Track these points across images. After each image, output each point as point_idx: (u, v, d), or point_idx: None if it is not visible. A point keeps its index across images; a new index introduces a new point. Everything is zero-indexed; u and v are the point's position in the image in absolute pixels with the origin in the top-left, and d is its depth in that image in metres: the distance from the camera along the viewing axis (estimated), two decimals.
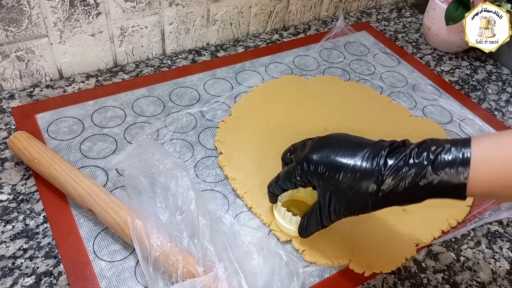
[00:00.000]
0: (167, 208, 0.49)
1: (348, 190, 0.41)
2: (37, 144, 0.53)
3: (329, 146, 0.44)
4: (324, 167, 0.42)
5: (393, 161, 0.39)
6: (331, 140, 0.45)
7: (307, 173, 0.44)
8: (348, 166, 0.41)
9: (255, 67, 0.76)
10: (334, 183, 0.42)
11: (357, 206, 0.42)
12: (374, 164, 0.40)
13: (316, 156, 0.43)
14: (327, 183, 0.42)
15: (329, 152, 0.43)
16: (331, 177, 0.42)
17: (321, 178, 0.43)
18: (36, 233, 0.49)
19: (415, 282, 0.50)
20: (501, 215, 0.58)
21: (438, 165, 0.38)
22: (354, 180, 0.41)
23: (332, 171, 0.42)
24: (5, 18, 0.59)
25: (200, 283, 0.41)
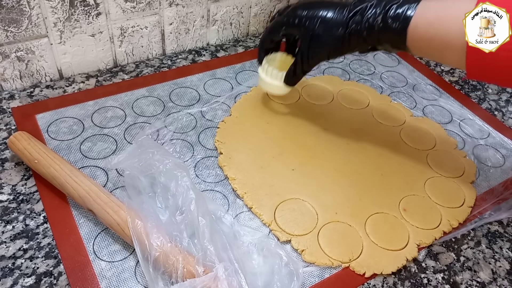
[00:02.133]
0: (167, 208, 0.49)
1: (323, 35, 0.53)
2: (37, 144, 0.53)
3: (310, 3, 0.55)
4: (305, 18, 0.54)
5: (356, 9, 0.50)
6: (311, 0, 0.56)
7: (292, 24, 0.55)
8: (324, 16, 0.53)
9: (255, 67, 0.76)
10: (313, 29, 0.53)
11: (329, 47, 0.53)
12: (343, 12, 0.52)
13: (299, 10, 0.55)
14: (308, 30, 0.54)
15: (309, 6, 0.54)
16: (310, 26, 0.53)
17: (303, 26, 0.54)
18: (36, 233, 0.49)
19: (415, 282, 0.50)
20: (501, 215, 0.58)
21: (390, 13, 0.48)
22: (327, 27, 0.52)
23: (311, 21, 0.53)
24: (5, 19, 0.59)
25: (200, 283, 0.41)
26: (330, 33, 0.52)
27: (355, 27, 0.50)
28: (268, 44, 0.62)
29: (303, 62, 0.56)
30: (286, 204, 0.55)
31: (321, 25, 0.52)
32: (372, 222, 0.54)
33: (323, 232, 0.52)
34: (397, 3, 0.48)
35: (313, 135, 0.64)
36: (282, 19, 0.57)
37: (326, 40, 0.53)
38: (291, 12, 0.56)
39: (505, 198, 0.60)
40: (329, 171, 0.59)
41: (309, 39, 0.54)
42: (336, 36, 0.52)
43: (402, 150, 0.64)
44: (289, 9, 0.56)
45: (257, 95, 0.70)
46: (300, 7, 0.55)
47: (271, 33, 0.59)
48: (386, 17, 0.48)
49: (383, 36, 0.49)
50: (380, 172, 0.61)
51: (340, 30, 0.51)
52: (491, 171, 0.64)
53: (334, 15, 0.52)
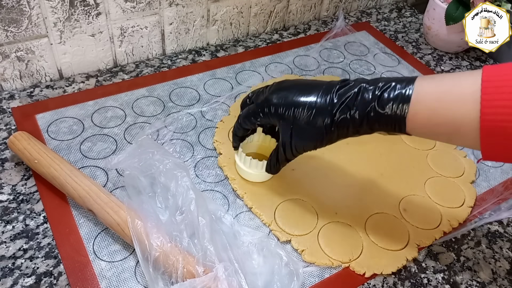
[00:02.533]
0: (167, 208, 0.49)
1: (306, 126, 0.45)
2: (37, 144, 0.53)
3: (287, 89, 0.47)
4: (284, 108, 0.46)
5: (344, 97, 0.44)
6: (288, 83, 0.48)
7: (268, 114, 0.48)
8: (305, 104, 0.45)
9: (255, 67, 0.76)
10: (293, 121, 0.46)
11: (314, 139, 0.46)
12: (327, 100, 0.44)
13: (276, 98, 0.47)
14: (287, 122, 0.46)
15: (287, 94, 0.47)
16: (290, 116, 0.46)
17: (281, 117, 0.47)
18: (36, 233, 0.49)
19: (415, 282, 0.50)
20: (501, 215, 0.58)
21: (383, 100, 0.42)
22: (310, 116, 0.45)
23: (291, 111, 0.46)
24: (5, 19, 0.59)
25: (200, 283, 0.41)
26: (315, 124, 0.45)
27: (343, 117, 0.43)
28: (242, 132, 0.54)
29: (286, 152, 0.49)
30: (286, 204, 0.55)
31: (302, 116, 0.45)
32: (372, 222, 0.54)
33: (323, 232, 0.52)
34: (389, 87, 0.42)
35: None
36: (256, 108, 0.49)
37: (310, 133, 0.45)
38: (265, 100, 0.48)
39: (505, 198, 0.60)
40: (329, 171, 0.59)
41: (291, 131, 0.47)
42: (321, 128, 0.44)
43: (402, 150, 0.64)
44: (263, 95, 0.49)
45: None
46: (275, 93, 0.47)
47: (245, 123, 0.51)
48: (380, 105, 0.42)
49: (378, 125, 0.43)
50: (380, 172, 0.61)
51: (326, 120, 0.44)
52: (491, 171, 0.64)
53: (316, 103, 0.44)
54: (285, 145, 0.48)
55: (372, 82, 0.43)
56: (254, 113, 0.49)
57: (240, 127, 0.53)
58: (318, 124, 0.45)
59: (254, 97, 0.51)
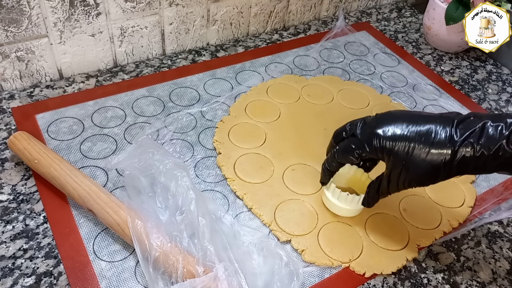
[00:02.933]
0: (167, 208, 0.49)
1: (421, 163, 0.42)
2: (37, 144, 0.53)
3: (397, 120, 0.44)
4: (396, 142, 0.43)
5: (467, 132, 0.41)
6: (396, 114, 0.46)
7: (376, 149, 0.44)
8: (420, 139, 0.42)
9: (255, 67, 0.76)
10: (406, 157, 0.43)
11: (428, 177, 0.43)
12: (446, 135, 0.41)
13: (386, 131, 0.44)
14: (399, 157, 0.43)
15: (398, 126, 0.44)
16: (403, 151, 0.43)
17: (391, 152, 0.44)
18: (36, 233, 0.49)
19: (415, 282, 0.50)
20: (501, 215, 0.58)
21: None
22: (427, 153, 0.42)
23: (404, 145, 0.43)
24: (5, 19, 0.59)
25: (200, 283, 0.41)
26: (431, 161, 0.42)
27: (466, 155, 0.40)
28: (336, 167, 0.50)
29: (390, 187, 0.46)
30: (286, 204, 0.55)
31: (418, 151, 0.42)
32: (372, 222, 0.54)
33: (323, 232, 0.52)
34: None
35: (313, 135, 0.64)
36: (360, 142, 0.45)
37: (425, 169, 0.42)
38: (372, 133, 0.44)
39: (505, 198, 0.60)
40: None
41: (401, 168, 0.43)
42: (439, 165, 0.42)
43: None
44: (367, 128, 0.45)
45: (256, 95, 0.70)
46: (384, 125, 0.44)
47: (344, 157, 0.48)
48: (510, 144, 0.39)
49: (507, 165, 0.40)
50: (380, 172, 0.60)
51: (445, 157, 0.41)
52: None
53: (433, 138, 0.41)
54: (391, 180, 0.46)
55: (495, 118, 0.41)
56: (358, 147, 0.46)
57: (335, 162, 0.49)
58: (436, 162, 0.42)
59: (357, 130, 0.47)
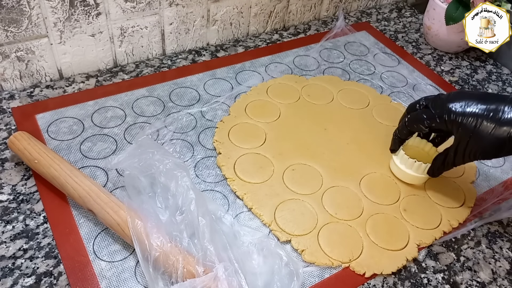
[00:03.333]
0: (167, 208, 0.49)
1: (488, 136, 0.47)
2: (37, 144, 0.53)
3: (468, 97, 0.50)
4: (465, 116, 0.48)
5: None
6: (466, 93, 0.51)
7: (446, 121, 0.50)
8: (488, 115, 0.47)
9: (255, 67, 0.76)
10: (473, 130, 0.48)
11: (493, 150, 0.48)
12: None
13: (457, 105, 0.49)
14: (467, 130, 0.48)
15: (469, 102, 0.49)
16: (472, 125, 0.48)
17: (461, 125, 0.49)
18: (36, 233, 0.49)
19: (415, 282, 0.50)
20: (501, 215, 0.58)
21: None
22: (494, 127, 0.47)
23: (472, 120, 0.48)
24: (5, 19, 0.59)
25: (200, 283, 0.41)
26: (498, 134, 0.47)
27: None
28: (406, 135, 0.56)
29: (456, 158, 0.51)
30: (286, 204, 0.55)
31: (485, 125, 0.47)
32: (372, 222, 0.54)
33: (323, 232, 0.52)
34: None
35: (313, 135, 0.64)
36: (433, 113, 0.51)
37: (492, 142, 0.47)
38: (445, 106, 0.50)
39: (505, 198, 0.60)
40: (329, 171, 0.59)
41: (468, 139, 0.48)
42: (505, 139, 0.46)
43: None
44: (439, 101, 0.51)
45: (256, 95, 0.70)
46: (456, 100, 0.50)
47: (415, 125, 0.54)
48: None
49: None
50: (380, 172, 0.61)
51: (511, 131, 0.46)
52: (491, 171, 0.64)
53: (501, 114, 0.47)
54: (458, 151, 0.50)
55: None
56: (429, 118, 0.51)
57: (406, 130, 0.55)
58: (502, 135, 0.47)
59: (429, 103, 0.52)
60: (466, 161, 0.51)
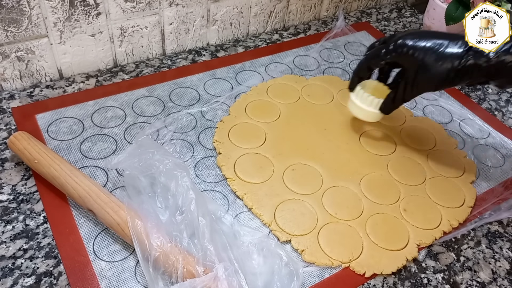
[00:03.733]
0: (167, 208, 0.49)
1: (434, 65, 0.50)
2: (37, 144, 0.53)
3: (420, 33, 0.53)
4: (415, 48, 0.52)
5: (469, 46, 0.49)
6: (420, 31, 0.55)
7: (399, 53, 0.53)
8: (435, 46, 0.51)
9: (255, 67, 0.76)
10: (422, 60, 0.51)
11: (437, 79, 0.51)
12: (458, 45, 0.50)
13: (409, 39, 0.53)
14: (416, 60, 0.52)
15: (420, 36, 0.52)
16: (420, 56, 0.51)
17: (411, 56, 0.52)
18: (36, 233, 0.49)
19: (415, 282, 0.50)
20: (501, 215, 0.58)
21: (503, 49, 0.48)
22: (439, 57, 0.50)
23: (421, 51, 0.51)
24: (5, 19, 0.59)
25: (200, 283, 0.41)
26: (442, 64, 0.50)
27: (474, 59, 0.48)
28: (364, 72, 0.59)
29: (406, 91, 0.54)
30: (286, 204, 0.55)
31: (432, 55, 0.50)
32: (372, 222, 0.54)
33: (323, 232, 0.52)
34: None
35: (313, 135, 0.64)
36: (387, 47, 0.54)
37: (436, 71, 0.50)
38: (398, 40, 0.53)
39: (505, 198, 0.60)
40: (329, 171, 0.59)
41: (417, 69, 0.52)
42: (448, 68, 0.50)
43: (402, 150, 0.64)
44: (395, 37, 0.54)
45: (256, 95, 0.70)
46: (409, 36, 0.53)
47: (372, 60, 0.57)
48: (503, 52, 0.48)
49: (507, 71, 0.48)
50: (380, 172, 0.61)
51: (455, 62, 0.49)
52: (491, 171, 0.64)
53: (447, 46, 0.50)
54: (407, 83, 0.54)
55: None
56: (386, 51, 0.54)
57: (365, 66, 0.58)
58: (446, 65, 0.50)
59: (386, 39, 0.56)
60: (415, 95, 0.54)
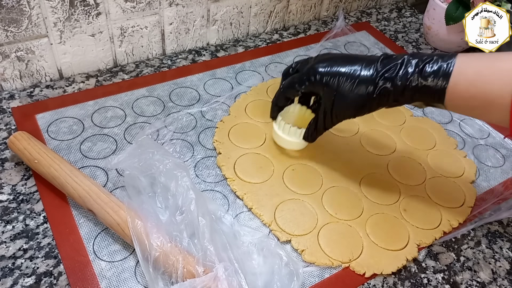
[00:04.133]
0: (167, 208, 0.49)
1: (349, 94, 0.49)
2: (37, 144, 0.53)
3: (332, 59, 0.51)
4: (329, 76, 0.50)
5: (387, 67, 0.47)
6: (333, 54, 0.53)
7: (313, 82, 0.51)
8: (349, 73, 0.49)
9: (255, 67, 0.76)
10: (337, 88, 0.49)
11: (355, 107, 0.49)
12: (371, 69, 0.48)
13: (322, 67, 0.50)
14: (331, 89, 0.50)
15: (332, 63, 0.50)
16: (334, 84, 0.49)
17: (326, 85, 0.50)
18: (36, 233, 0.49)
19: (415, 282, 0.50)
20: (501, 215, 0.58)
21: (425, 72, 0.45)
22: (354, 84, 0.48)
23: (335, 79, 0.49)
24: (5, 18, 0.59)
25: (200, 283, 0.41)
26: (357, 92, 0.48)
27: (385, 86, 0.47)
28: (283, 102, 0.57)
29: (326, 120, 0.53)
30: (286, 204, 0.55)
31: (346, 83, 0.49)
32: (372, 222, 0.54)
33: (323, 232, 0.52)
34: (431, 60, 0.45)
35: None
36: (301, 76, 0.52)
37: (352, 99, 0.49)
38: (311, 68, 0.51)
39: (505, 198, 0.60)
40: (329, 171, 0.59)
41: (333, 98, 0.50)
42: (363, 95, 0.48)
43: (402, 150, 0.64)
44: (307, 65, 0.52)
45: (256, 95, 0.70)
46: (321, 62, 0.51)
47: (288, 91, 0.55)
48: (422, 76, 0.45)
49: (418, 95, 0.46)
50: (380, 172, 0.61)
51: (368, 88, 0.48)
52: (491, 171, 0.64)
53: (360, 72, 0.48)
54: (326, 112, 0.52)
55: (415, 55, 0.47)
56: (299, 81, 0.52)
57: (282, 96, 0.56)
58: (361, 92, 0.48)
59: (299, 67, 0.54)
60: (336, 123, 0.52)
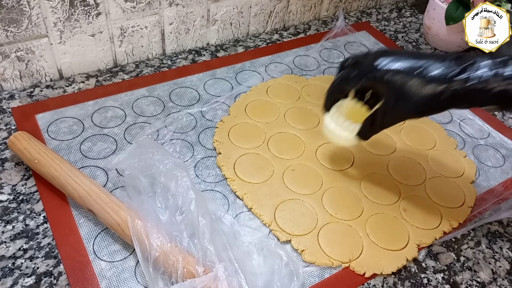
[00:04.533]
0: (167, 208, 0.49)
1: (415, 93, 0.45)
2: (37, 144, 0.53)
3: (396, 54, 0.47)
4: (392, 73, 0.46)
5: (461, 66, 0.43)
6: (394, 51, 0.48)
7: (373, 78, 0.47)
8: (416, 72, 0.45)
9: (255, 67, 0.76)
10: (401, 87, 0.45)
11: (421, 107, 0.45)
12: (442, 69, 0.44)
13: (385, 62, 0.46)
14: (394, 87, 0.46)
15: (397, 59, 0.46)
16: (398, 82, 0.45)
17: (388, 83, 0.46)
18: (36, 233, 0.49)
19: (415, 282, 0.50)
20: (501, 215, 0.58)
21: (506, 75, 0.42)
22: (421, 84, 0.44)
23: (400, 76, 0.45)
24: (5, 18, 0.59)
25: (200, 283, 0.41)
26: (426, 91, 0.44)
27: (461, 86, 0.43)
28: (338, 94, 0.53)
29: (385, 119, 0.49)
30: (286, 204, 0.55)
31: (413, 82, 0.44)
32: (372, 222, 0.54)
33: (323, 232, 0.52)
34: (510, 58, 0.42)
35: (313, 135, 0.64)
36: (362, 70, 0.48)
37: (418, 100, 0.45)
38: (372, 62, 0.47)
39: (505, 198, 0.60)
40: (329, 171, 0.59)
41: (396, 98, 0.46)
42: (432, 96, 0.44)
43: (402, 150, 0.64)
44: (368, 57, 0.48)
45: (256, 95, 0.70)
46: (384, 57, 0.47)
47: (345, 84, 0.51)
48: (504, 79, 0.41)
49: (495, 99, 0.43)
50: (380, 172, 0.61)
51: (439, 88, 0.43)
52: (491, 171, 0.64)
53: (429, 70, 0.44)
54: (386, 111, 0.48)
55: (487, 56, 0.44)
56: (358, 76, 0.48)
57: (337, 88, 0.52)
58: (429, 92, 0.44)
59: (358, 60, 0.50)
60: (395, 122, 0.49)
